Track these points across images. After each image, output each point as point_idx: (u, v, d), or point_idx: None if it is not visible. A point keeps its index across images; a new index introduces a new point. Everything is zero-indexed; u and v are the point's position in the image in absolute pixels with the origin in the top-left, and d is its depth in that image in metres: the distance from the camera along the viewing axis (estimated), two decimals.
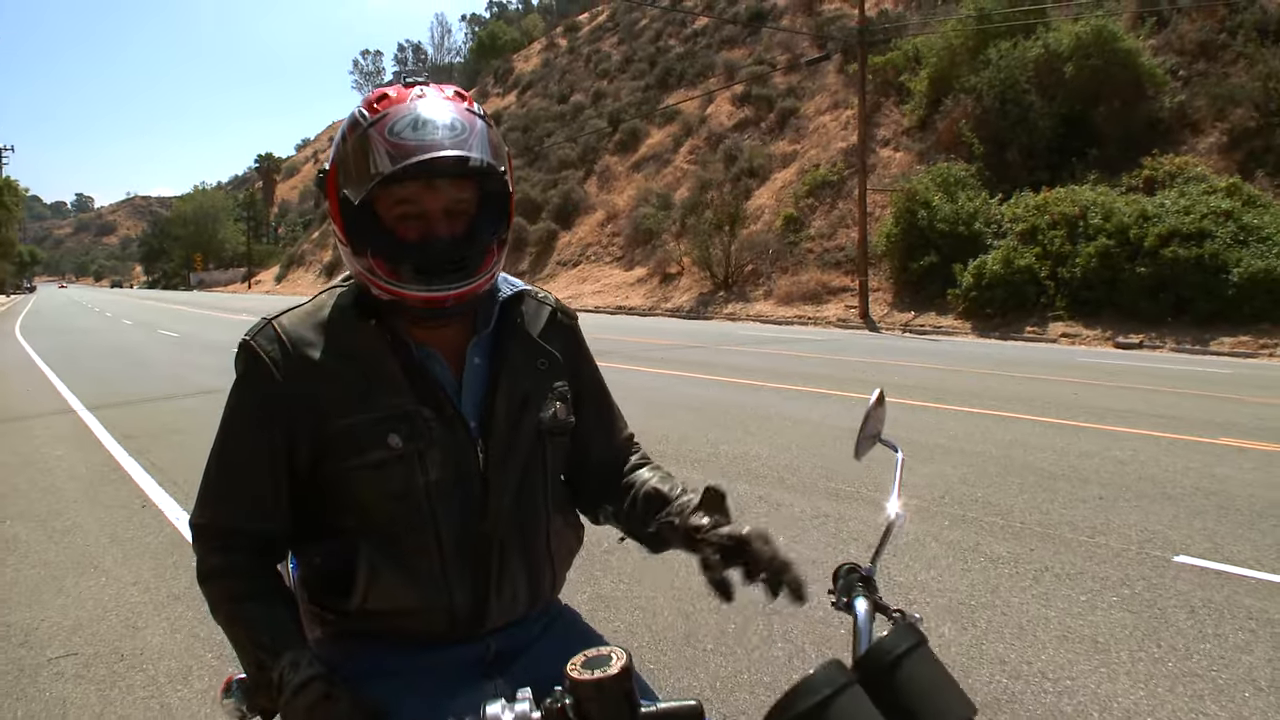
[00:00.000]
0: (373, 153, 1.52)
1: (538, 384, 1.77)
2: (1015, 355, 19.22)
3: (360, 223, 1.58)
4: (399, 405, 1.62)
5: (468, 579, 1.65)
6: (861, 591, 1.51)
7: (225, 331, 27.98)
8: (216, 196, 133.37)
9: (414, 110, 1.54)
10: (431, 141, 1.51)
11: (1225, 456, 8.53)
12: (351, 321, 1.66)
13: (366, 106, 1.59)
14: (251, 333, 1.67)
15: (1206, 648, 4.41)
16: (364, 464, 1.60)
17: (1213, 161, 25.53)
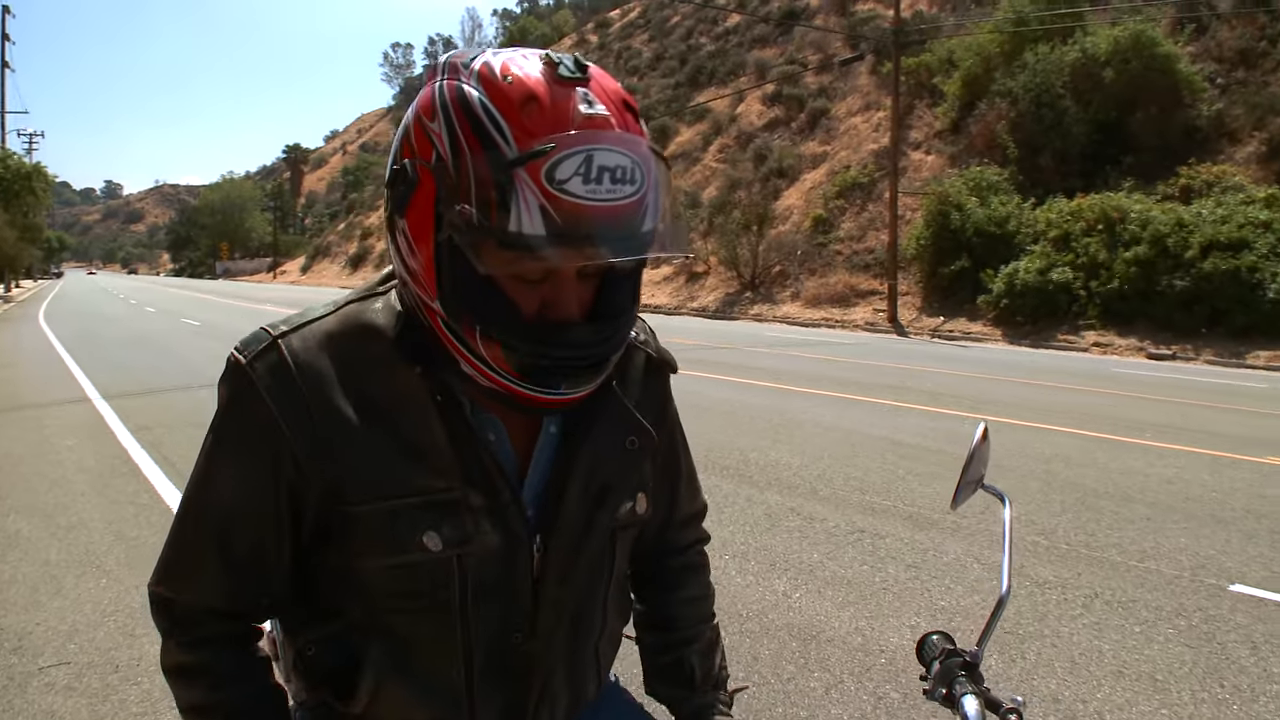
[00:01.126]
0: (519, 205, 1.02)
1: (624, 469, 1.36)
2: (1048, 364, 18.87)
3: (464, 277, 1.10)
4: (441, 490, 1.20)
5: (498, 700, 1.30)
6: (967, 683, 1.24)
7: (247, 321, 27.84)
8: (244, 186, 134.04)
9: (587, 148, 1.02)
10: (605, 204, 1.03)
11: (1273, 477, 8.22)
12: (388, 361, 1.21)
13: (501, 104, 1.06)
14: (247, 351, 1.21)
15: (1274, 689, 4.13)
16: (383, 565, 1.21)
17: (1251, 171, 25.12)
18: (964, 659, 1.27)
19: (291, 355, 1.19)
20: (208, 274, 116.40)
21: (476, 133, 1.05)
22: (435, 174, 1.08)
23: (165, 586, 1.26)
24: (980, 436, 1.48)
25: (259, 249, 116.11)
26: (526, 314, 1.12)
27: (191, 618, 1.25)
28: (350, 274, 71.02)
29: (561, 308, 1.13)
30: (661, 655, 1.56)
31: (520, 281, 1.11)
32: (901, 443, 9.29)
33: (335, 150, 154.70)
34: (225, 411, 1.24)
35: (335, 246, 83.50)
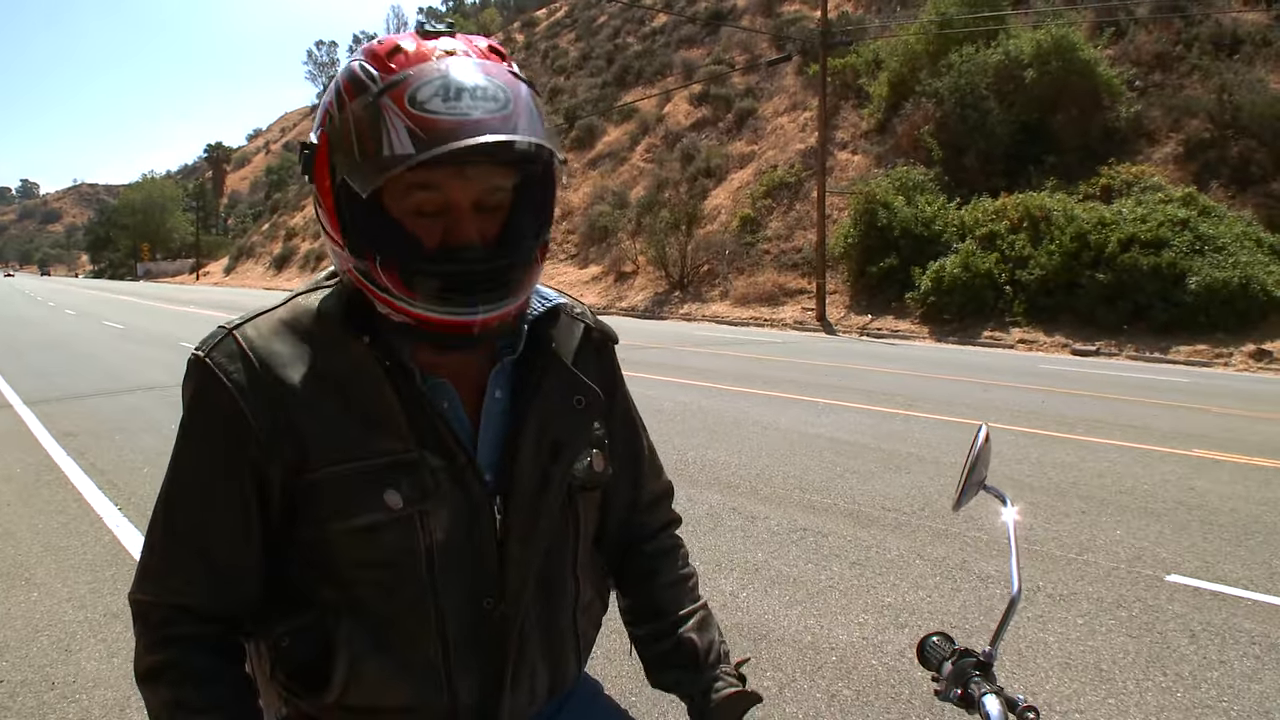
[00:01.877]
0: (388, 128, 1.11)
1: (573, 427, 1.39)
2: (976, 361, 19.13)
3: (360, 214, 1.19)
4: (398, 451, 1.24)
5: (475, 672, 1.30)
6: (984, 683, 1.22)
7: (172, 324, 27.41)
8: (165, 186, 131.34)
9: (444, 73, 1.13)
10: (468, 118, 1.11)
11: (1201, 469, 8.40)
12: (338, 338, 1.27)
13: (374, 62, 1.17)
14: (205, 346, 1.27)
15: (1214, 676, 4.22)
16: (350, 527, 1.22)
17: (1168, 172, 25.69)
18: (977, 659, 1.26)
19: (247, 342, 1.25)
20: (128, 275, 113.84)
21: (354, 86, 1.17)
22: (328, 132, 1.19)
23: (141, 590, 1.27)
24: (983, 439, 1.48)
25: (181, 250, 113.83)
26: (428, 245, 1.20)
27: (165, 618, 1.26)
28: (275, 275, 69.93)
29: (458, 234, 1.19)
30: (657, 643, 1.54)
31: (419, 219, 1.20)
32: (839, 440, 9.36)
33: (258, 149, 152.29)
34: (191, 407, 1.28)
35: (259, 247, 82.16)
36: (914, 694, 3.96)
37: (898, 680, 4.10)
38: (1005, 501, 1.39)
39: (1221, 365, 19.85)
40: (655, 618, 1.55)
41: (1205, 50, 27.76)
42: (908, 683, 4.07)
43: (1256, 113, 24.45)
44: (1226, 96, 25.34)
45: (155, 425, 10.09)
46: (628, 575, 1.59)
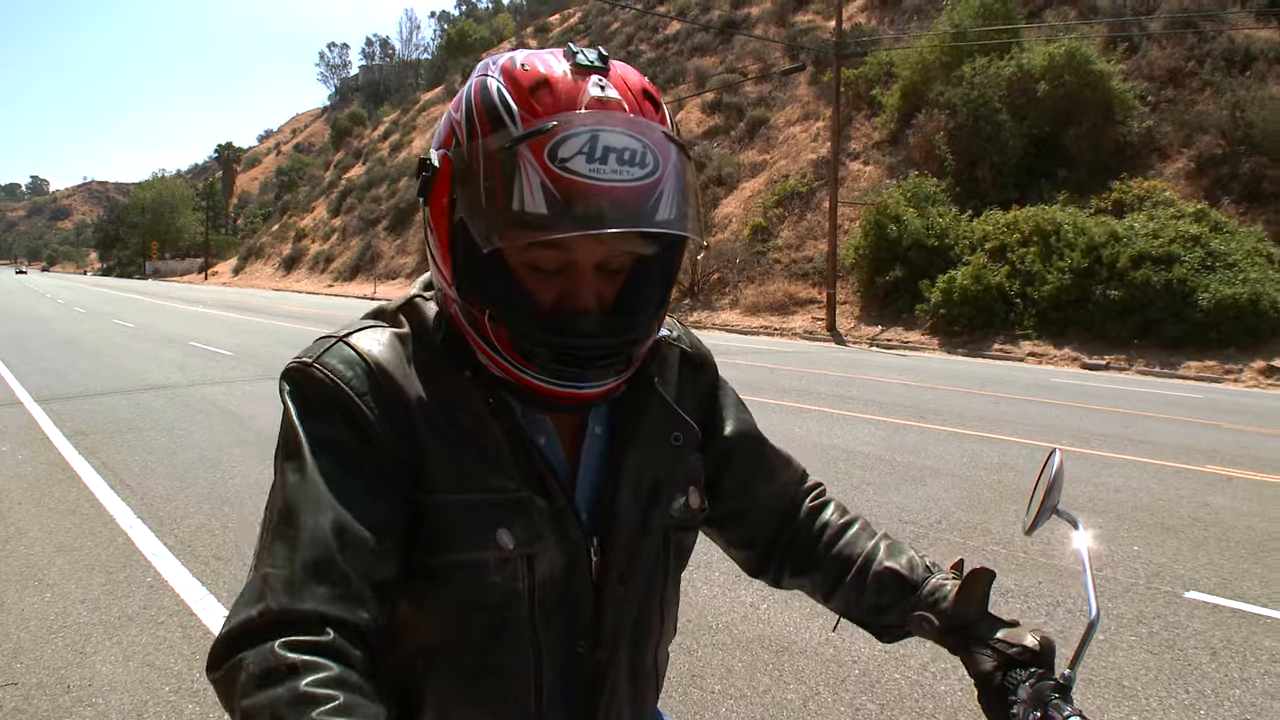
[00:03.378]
0: (522, 182, 1.02)
1: (671, 465, 1.34)
2: (987, 373, 19.14)
3: (475, 260, 1.11)
4: (511, 490, 1.18)
5: (565, 717, 1.26)
6: (1065, 706, 1.22)
7: (182, 323, 27.46)
8: (175, 185, 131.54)
9: (591, 128, 1.03)
10: (612, 185, 1.02)
11: (1215, 485, 8.41)
12: (438, 365, 1.20)
13: (515, 92, 1.08)
14: (313, 354, 1.17)
15: (1236, 694, 4.24)
16: (458, 562, 1.16)
17: (1180, 187, 25.70)
18: (1056, 682, 1.26)
19: (363, 352, 1.18)
20: (137, 274, 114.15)
21: (489, 116, 1.09)
22: (452, 159, 1.11)
23: (262, 602, 1.01)
24: (1057, 465, 1.47)
25: (190, 249, 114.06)
26: (541, 305, 1.13)
27: (303, 626, 0.99)
28: (284, 276, 70.05)
29: (576, 299, 1.13)
30: (860, 598, 1.47)
31: (537, 273, 1.13)
32: (854, 452, 9.37)
33: (269, 150, 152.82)
34: (304, 413, 1.14)
35: (269, 248, 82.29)
36: (938, 708, 3.99)
37: (921, 694, 4.12)
38: (1077, 525, 1.38)
39: (1232, 381, 19.83)
40: (842, 576, 1.49)
41: (1218, 66, 27.80)
42: (931, 696, 4.09)
43: (1269, 130, 24.45)
44: (1239, 113, 25.35)
45: (167, 425, 10.14)
46: (796, 558, 1.54)
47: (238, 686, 0.94)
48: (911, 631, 1.42)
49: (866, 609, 1.46)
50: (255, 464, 8.16)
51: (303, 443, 1.11)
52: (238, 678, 0.95)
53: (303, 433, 1.12)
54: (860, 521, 1.57)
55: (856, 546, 1.50)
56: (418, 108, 78.79)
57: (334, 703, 0.91)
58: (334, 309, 38.24)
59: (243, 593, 1.04)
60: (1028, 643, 1.29)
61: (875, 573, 1.45)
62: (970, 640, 1.33)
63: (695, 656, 4.51)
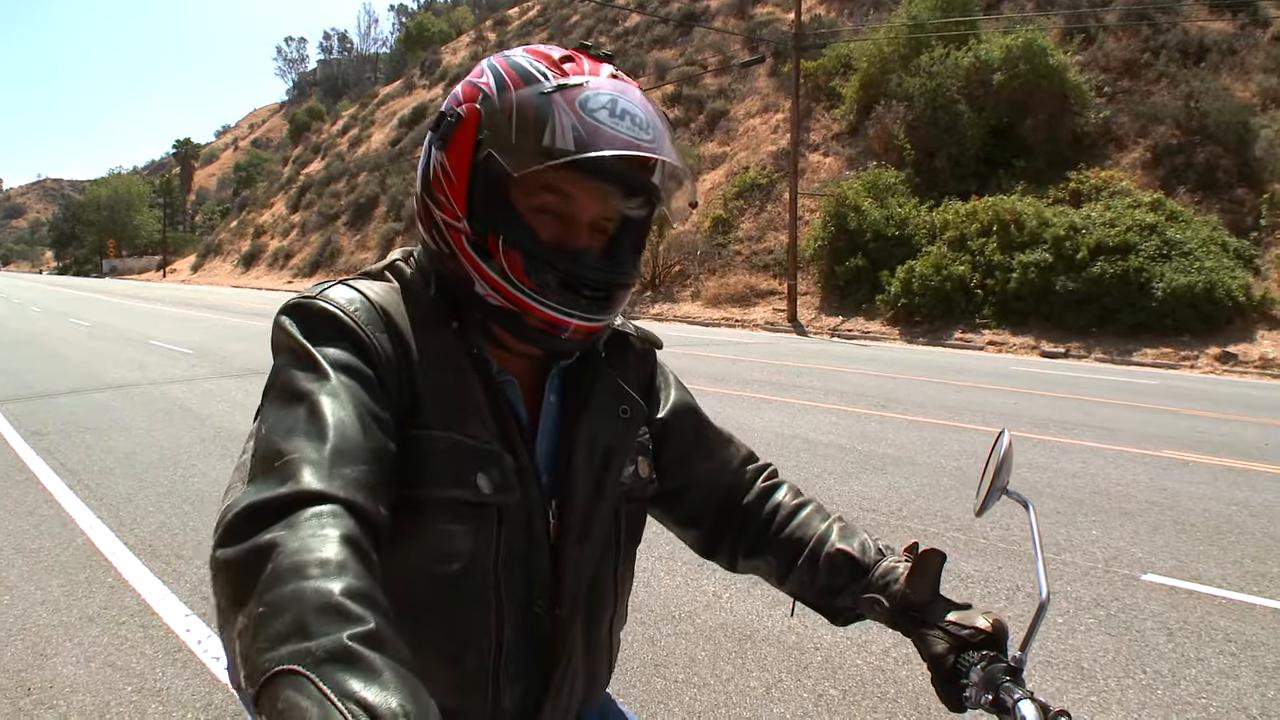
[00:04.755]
0: (555, 123, 1.16)
1: (621, 436, 1.41)
2: (948, 362, 19.28)
3: (493, 194, 1.22)
4: (484, 440, 1.24)
5: (521, 678, 1.29)
6: (1017, 689, 1.23)
7: (141, 322, 27.14)
8: (132, 182, 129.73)
9: (614, 93, 1.20)
10: (629, 138, 1.17)
11: (1172, 470, 8.52)
12: (428, 318, 1.28)
13: (544, 61, 1.23)
14: (318, 290, 1.24)
15: (1192, 673, 4.30)
16: (440, 499, 1.19)
17: (1136, 177, 25.96)
18: (1007, 664, 1.27)
19: (365, 290, 1.26)
20: (94, 272, 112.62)
21: (520, 74, 1.23)
22: (481, 107, 1.23)
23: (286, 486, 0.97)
24: (1006, 445, 1.47)
25: (148, 247, 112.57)
26: (545, 241, 1.24)
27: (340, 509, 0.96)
28: (243, 272, 69.39)
29: (574, 241, 1.25)
30: (813, 580, 1.48)
31: (539, 216, 1.23)
32: (815, 441, 9.42)
33: (227, 146, 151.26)
34: (311, 339, 1.16)
35: (227, 244, 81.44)
36: (899, 693, 4.01)
37: (883, 679, 4.14)
38: (1028, 506, 1.38)
39: (1188, 368, 20.10)
40: (795, 558, 1.50)
41: (1173, 58, 28.15)
42: (893, 681, 4.12)
43: (1222, 120, 24.81)
44: (1193, 104, 25.68)
45: (126, 424, 10.02)
46: (749, 540, 1.56)
47: (264, 574, 0.87)
48: (864, 614, 1.44)
49: (819, 591, 1.48)
50: (216, 462, 8.09)
51: (319, 361, 1.13)
52: (264, 563, 0.88)
53: (314, 350, 1.15)
54: (813, 504, 1.58)
55: (809, 529, 1.52)
56: (376, 102, 78.22)
57: (365, 627, 0.83)
58: None
59: (253, 484, 0.99)
60: (980, 624, 1.31)
61: (827, 554, 1.47)
62: (922, 623, 1.35)
63: (658, 646, 4.51)
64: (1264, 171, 23.83)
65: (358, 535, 0.94)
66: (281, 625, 0.82)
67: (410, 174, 54.77)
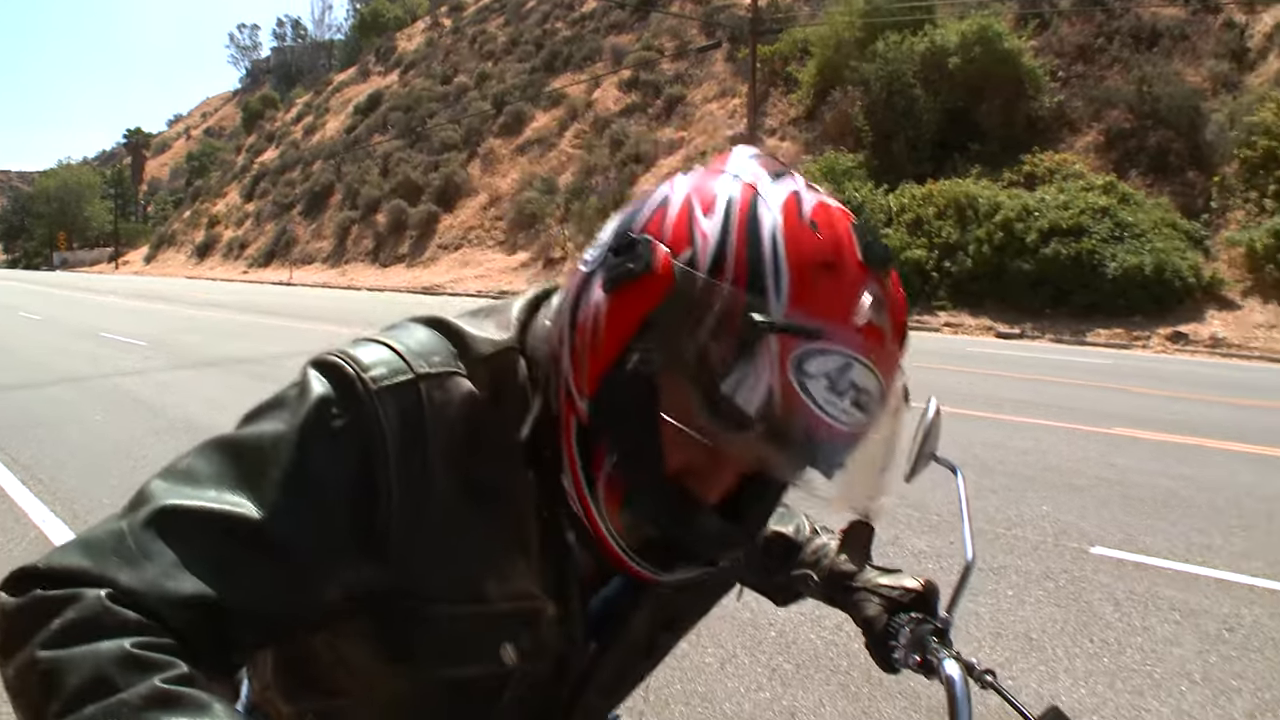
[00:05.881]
0: (749, 370, 0.85)
1: (700, 604, 1.27)
2: None
3: (636, 393, 0.91)
4: (526, 597, 1.02)
5: None
6: (943, 649, 1.26)
7: (93, 315, 26.79)
8: (82, 172, 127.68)
9: (853, 357, 0.86)
10: (835, 429, 0.86)
11: (1121, 446, 8.64)
12: (509, 451, 1.00)
13: (796, 261, 0.87)
14: (379, 374, 0.95)
15: (1138, 641, 4.38)
16: (451, 678, 1.02)
17: (1089, 160, 26.24)
18: (935, 626, 1.29)
19: (428, 408, 0.95)
20: (44, 265, 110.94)
21: (750, 263, 0.87)
22: (676, 275, 0.88)
23: (104, 567, 0.82)
24: (934, 412, 1.49)
25: (99, 238, 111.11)
26: (669, 465, 0.93)
27: (136, 606, 0.80)
28: (197, 263, 68.54)
29: (707, 487, 0.95)
30: (753, 558, 1.44)
31: (685, 440, 0.90)
32: None
33: (179, 135, 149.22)
34: (316, 422, 0.93)
35: (181, 235, 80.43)
36: (852, 665, 4.06)
37: (836, 653, 4.19)
38: (956, 472, 1.39)
39: (1140, 347, 20.36)
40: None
41: (1125, 43, 28.44)
42: (846, 655, 4.16)
43: (1174, 104, 25.10)
44: (1146, 88, 25.93)
45: (79, 418, 9.89)
46: None
47: (43, 630, 0.77)
48: (800, 590, 1.46)
49: (757, 573, 1.49)
50: (171, 453, 7.84)
51: (287, 463, 0.90)
52: (46, 619, 0.78)
53: (303, 444, 0.91)
54: None
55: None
56: (331, 89, 77.43)
57: (177, 670, 0.75)
58: (249, 295, 37.61)
59: (90, 534, 0.86)
60: (909, 585, 1.35)
61: (764, 538, 1.46)
62: (854, 590, 1.37)
63: None
64: (1214, 155, 24.13)
65: (162, 631, 0.80)
66: (79, 681, 0.73)
67: (365, 161, 54.46)
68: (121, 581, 0.80)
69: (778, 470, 0.91)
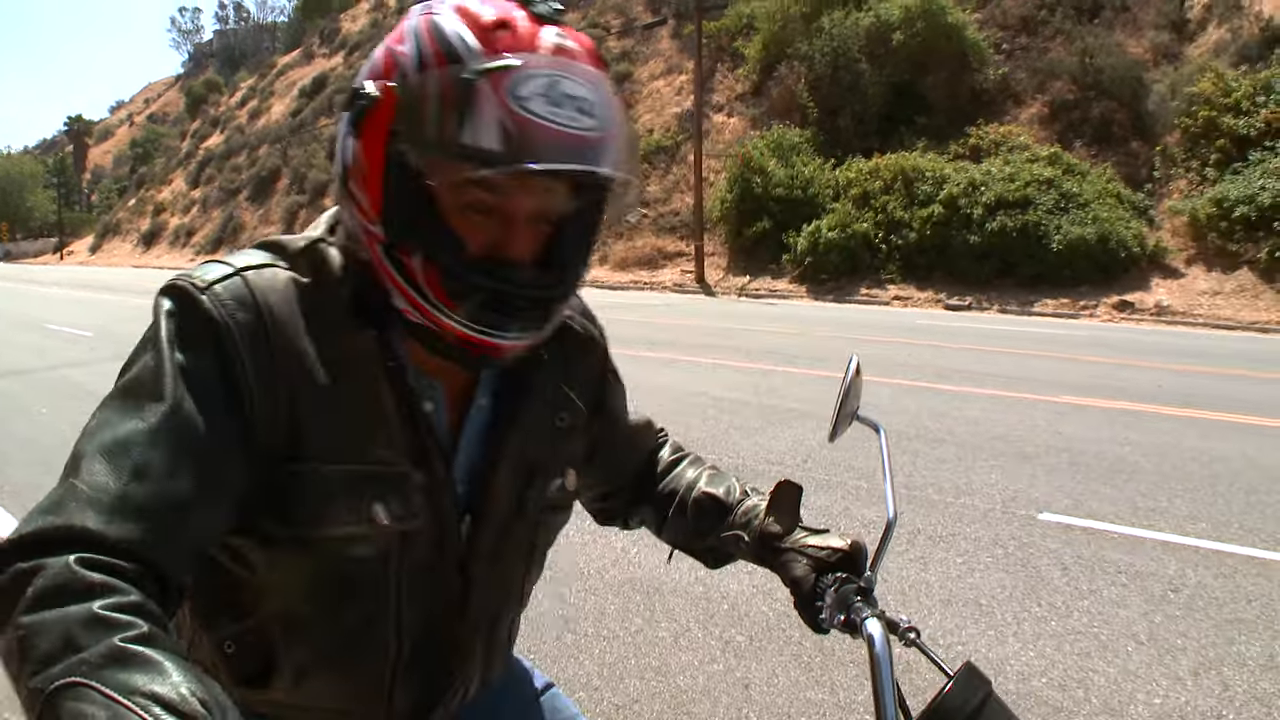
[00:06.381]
0: (477, 116, 0.97)
1: (554, 448, 1.32)
2: (853, 318, 19.52)
3: (408, 197, 1.05)
4: (391, 462, 1.13)
5: (417, 683, 1.24)
6: (865, 608, 1.25)
7: (38, 306, 26.35)
8: (24, 162, 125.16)
9: (552, 72, 0.99)
10: (567, 131, 0.98)
11: (1068, 414, 8.74)
12: (340, 320, 1.12)
13: (474, 29, 1.02)
14: (204, 278, 1.08)
15: (1085, 604, 4.43)
16: (327, 535, 1.11)
17: (1034, 132, 26.45)
18: (858, 585, 1.28)
19: (259, 292, 1.09)
20: None
21: (444, 49, 1.02)
22: (397, 89, 1.04)
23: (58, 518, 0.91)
24: (854, 370, 1.49)
25: (43, 228, 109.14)
26: (472, 249, 1.06)
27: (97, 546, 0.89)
28: (144, 252, 67.62)
29: (509, 247, 1.07)
30: (683, 524, 1.51)
31: (468, 215, 1.06)
32: (721, 398, 9.48)
33: (121, 121, 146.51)
34: (177, 334, 1.05)
35: (126, 223, 79.26)
36: (804, 636, 4.07)
37: (789, 624, 4.19)
38: (878, 430, 1.39)
39: (1087, 317, 20.62)
40: (668, 507, 1.53)
41: (1068, 15, 28.59)
42: (797, 626, 4.16)
43: (1116, 75, 25.33)
44: (1089, 59, 26.14)
45: (25, 410, 9.74)
46: (634, 496, 1.58)
47: (22, 599, 0.84)
48: (731, 552, 1.46)
49: (689, 535, 1.51)
50: None
51: (165, 371, 1.02)
52: (22, 589, 0.84)
53: (168, 360, 1.02)
54: (690, 456, 1.62)
55: (682, 479, 1.55)
56: (275, 72, 76.42)
57: (137, 630, 0.81)
58: None
59: (43, 502, 0.94)
60: (836, 544, 1.35)
61: (695, 499, 1.49)
62: (783, 551, 1.37)
63: (567, 603, 4.51)
64: (1156, 125, 24.42)
65: (129, 571, 0.89)
66: (48, 644, 0.80)
67: (312, 145, 53.82)
68: (77, 525, 0.90)
69: (528, 170, 0.99)
